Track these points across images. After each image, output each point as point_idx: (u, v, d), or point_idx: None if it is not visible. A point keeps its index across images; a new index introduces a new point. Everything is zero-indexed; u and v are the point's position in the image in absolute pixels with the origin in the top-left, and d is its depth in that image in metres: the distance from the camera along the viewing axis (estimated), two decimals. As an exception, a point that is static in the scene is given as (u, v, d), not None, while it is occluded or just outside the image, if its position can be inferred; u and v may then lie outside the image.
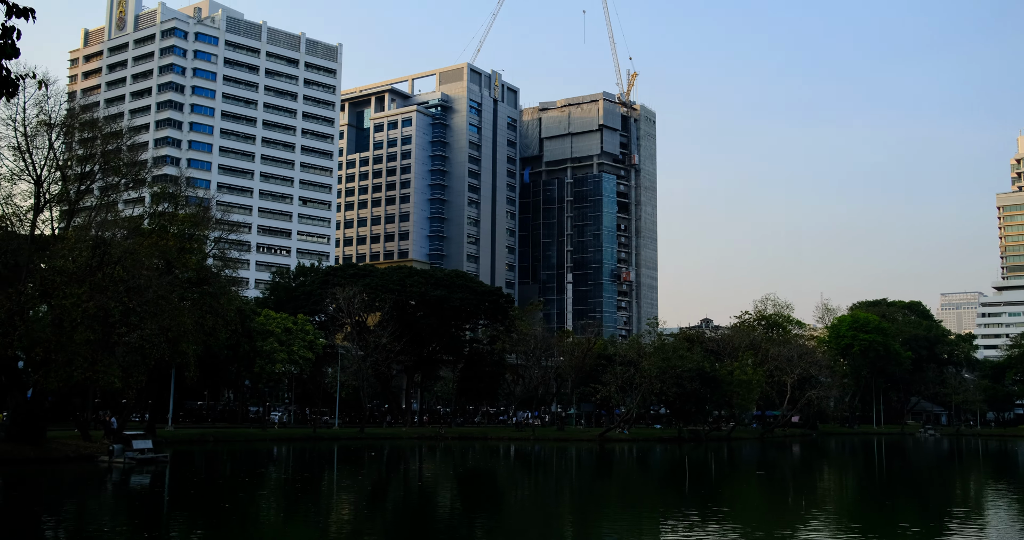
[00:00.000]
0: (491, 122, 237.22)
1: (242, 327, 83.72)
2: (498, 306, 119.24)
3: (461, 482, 55.11)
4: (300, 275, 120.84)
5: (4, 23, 9.07)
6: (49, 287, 58.39)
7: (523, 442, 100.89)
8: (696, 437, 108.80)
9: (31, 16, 9.35)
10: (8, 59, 9.11)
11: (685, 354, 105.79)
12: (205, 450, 76.12)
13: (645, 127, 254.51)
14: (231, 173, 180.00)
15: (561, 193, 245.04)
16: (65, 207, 66.72)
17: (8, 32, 9.09)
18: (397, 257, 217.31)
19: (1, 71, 9.10)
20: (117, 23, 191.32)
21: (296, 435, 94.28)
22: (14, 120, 61.88)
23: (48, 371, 56.66)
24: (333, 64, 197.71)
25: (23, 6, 9.26)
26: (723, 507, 41.28)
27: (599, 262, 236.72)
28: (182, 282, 70.08)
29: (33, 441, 58.60)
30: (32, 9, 9.33)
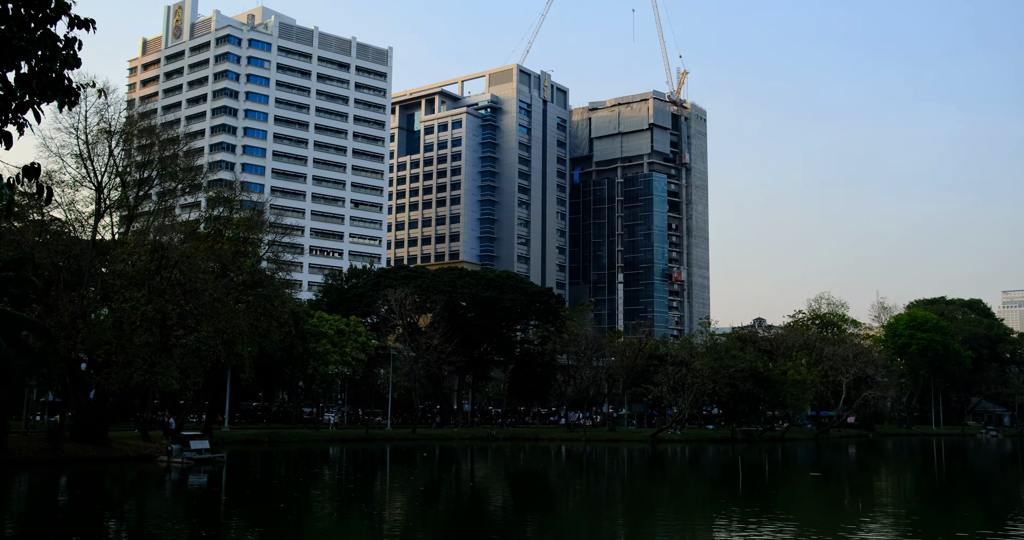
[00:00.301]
0: (540, 123, 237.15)
1: (296, 329, 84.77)
2: (549, 307, 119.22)
3: (513, 483, 55.24)
4: (352, 277, 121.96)
5: (66, 34, 9.34)
6: (110, 291, 59.79)
7: (574, 443, 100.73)
8: (749, 438, 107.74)
9: (91, 27, 9.62)
10: (70, 69, 9.39)
11: (738, 354, 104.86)
12: (260, 450, 77.20)
13: (696, 125, 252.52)
14: (284, 177, 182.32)
15: (611, 193, 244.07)
16: (125, 212, 68.21)
17: (70, 43, 9.36)
18: (448, 258, 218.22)
19: (63, 81, 9.36)
20: (174, 32, 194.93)
21: (349, 436, 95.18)
22: (76, 128, 63.51)
23: (109, 373, 58.02)
24: (383, 67, 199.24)
25: (84, 17, 9.51)
26: (777, 508, 40.88)
27: (650, 262, 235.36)
28: (237, 285, 71.16)
29: (96, 441, 60.02)
30: (92, 20, 9.60)
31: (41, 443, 57.89)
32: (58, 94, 9.18)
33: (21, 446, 56.86)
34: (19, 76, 8.91)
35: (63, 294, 58.82)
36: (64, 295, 58.70)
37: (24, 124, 9.14)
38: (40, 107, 9.20)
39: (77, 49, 9.34)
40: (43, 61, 8.99)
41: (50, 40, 8.96)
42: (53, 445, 56.97)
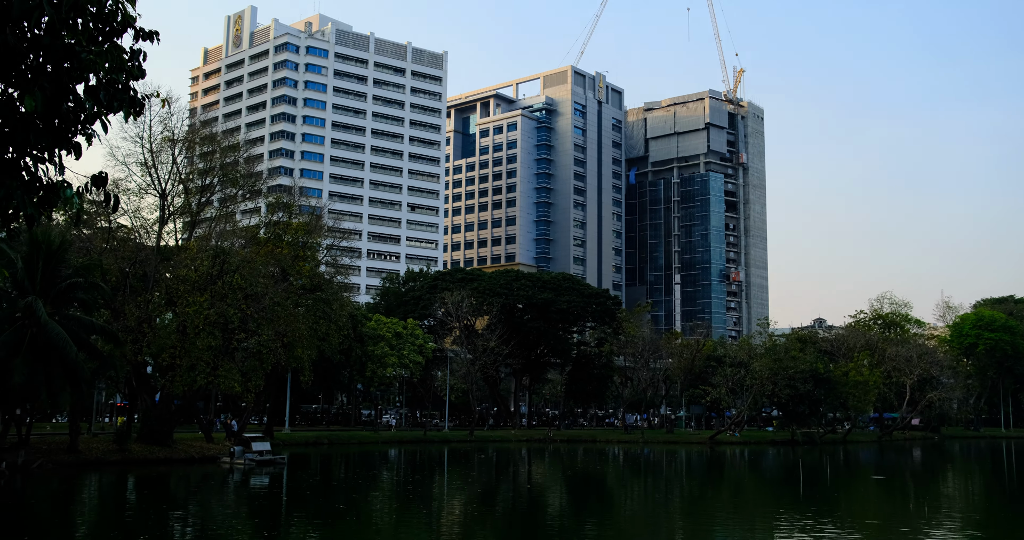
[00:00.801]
0: (596, 124, 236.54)
1: (354, 332, 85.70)
2: (605, 308, 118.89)
3: (570, 485, 55.18)
4: (409, 280, 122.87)
5: (131, 47, 9.57)
6: (174, 295, 61.11)
7: (632, 445, 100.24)
8: (810, 440, 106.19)
9: (156, 39, 9.89)
10: (135, 80, 9.63)
11: (797, 355, 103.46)
12: (320, 452, 78.13)
13: (753, 124, 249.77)
14: (341, 182, 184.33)
15: (668, 193, 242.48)
16: (187, 219, 69.65)
17: (135, 55, 9.60)
18: (504, 261, 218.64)
19: (129, 92, 9.62)
20: (234, 41, 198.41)
21: (407, 438, 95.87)
22: (141, 137, 65.09)
23: (174, 376, 59.30)
24: (439, 72, 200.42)
25: (148, 30, 9.76)
26: (840, 512, 40.26)
27: (707, 262, 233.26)
28: (296, 289, 72.18)
29: (162, 442, 61.35)
30: (156, 32, 9.85)
31: (110, 444, 59.35)
32: (124, 105, 9.44)
33: (91, 447, 58.36)
34: (88, 88, 9.19)
35: (129, 299, 60.28)
36: (130, 300, 60.16)
37: (92, 135, 9.42)
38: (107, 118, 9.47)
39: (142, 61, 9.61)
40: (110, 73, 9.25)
41: (117, 53, 9.22)
42: (121, 446, 58.37)
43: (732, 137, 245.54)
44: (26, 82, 8.63)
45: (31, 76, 8.67)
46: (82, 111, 9.14)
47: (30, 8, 8.14)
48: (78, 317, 52.77)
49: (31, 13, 8.17)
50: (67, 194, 9.41)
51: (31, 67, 8.68)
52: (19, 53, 8.44)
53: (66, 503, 41.53)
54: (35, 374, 47.81)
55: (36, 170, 9.11)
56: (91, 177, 9.79)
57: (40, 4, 8.17)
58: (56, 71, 8.81)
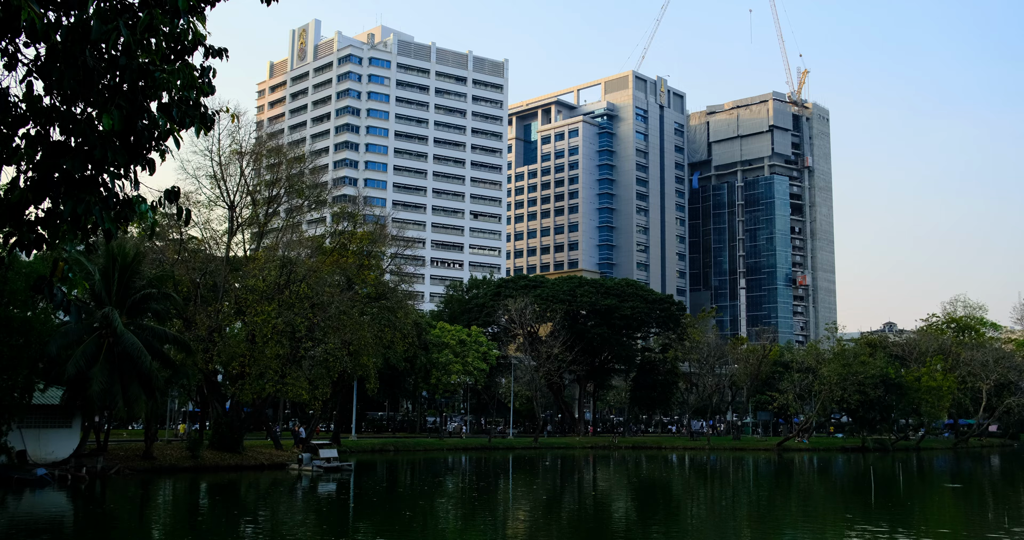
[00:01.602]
0: (658, 128, 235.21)
1: (418, 340, 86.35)
2: (669, 314, 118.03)
3: (635, 492, 54.86)
4: (473, 288, 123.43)
5: (202, 64, 9.84)
6: (243, 305, 62.32)
7: (698, 451, 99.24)
8: (882, 447, 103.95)
9: (224, 55, 10.17)
10: (205, 96, 9.89)
11: (867, 360, 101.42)
12: (386, 459, 78.82)
13: (818, 126, 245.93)
14: (405, 191, 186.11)
15: (731, 197, 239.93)
16: (255, 229, 71.00)
17: (205, 72, 9.86)
18: (567, 267, 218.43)
19: (200, 108, 9.87)
20: (298, 54, 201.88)
21: (472, 444, 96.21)
22: (211, 151, 66.63)
23: (243, 384, 60.44)
24: (500, 79, 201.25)
25: (218, 47, 10.04)
26: (914, 521, 39.37)
27: (773, 266, 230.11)
28: (362, 297, 73.00)
29: (232, 449, 62.54)
30: (225, 49, 10.13)
31: (183, 451, 60.70)
32: (195, 121, 9.72)
33: (165, 453, 59.77)
34: (161, 106, 9.48)
35: (200, 309, 61.63)
36: (201, 310, 61.51)
37: (165, 150, 9.70)
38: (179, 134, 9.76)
39: (212, 77, 9.89)
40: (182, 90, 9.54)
41: (188, 70, 9.51)
42: (193, 453, 59.65)
43: (797, 139, 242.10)
44: (103, 101, 8.94)
45: (108, 95, 8.98)
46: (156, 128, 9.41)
47: (108, 31, 8.45)
48: (152, 327, 54.12)
49: (109, 35, 8.48)
50: (142, 209, 9.69)
51: (108, 87, 9.00)
52: (97, 74, 8.76)
53: (142, 508, 42.60)
54: (112, 383, 49.15)
55: (113, 186, 9.40)
56: (164, 192, 10.09)
57: (117, 26, 8.48)
58: (131, 90, 9.10)
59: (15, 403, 47.69)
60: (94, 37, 8.39)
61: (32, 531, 32.87)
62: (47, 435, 53.86)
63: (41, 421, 53.62)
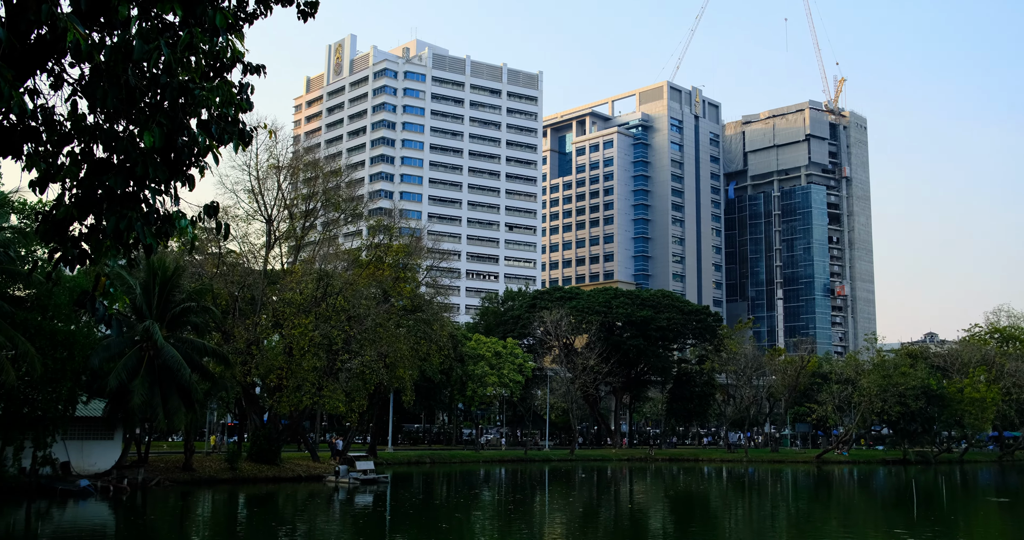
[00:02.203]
0: (693, 139, 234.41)
1: (454, 352, 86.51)
2: (706, 325, 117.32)
3: (673, 504, 54.49)
4: (508, 300, 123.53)
5: (240, 81, 10.01)
6: (280, 318, 62.88)
7: (736, 464, 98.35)
8: (924, 459, 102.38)
9: (262, 72, 10.36)
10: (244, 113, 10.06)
11: (908, 371, 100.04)
12: (422, 471, 78.97)
13: (856, 134, 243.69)
14: (440, 203, 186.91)
15: (768, 207, 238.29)
16: (292, 243, 71.65)
17: (243, 89, 10.04)
18: (602, 279, 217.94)
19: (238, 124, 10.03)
20: (334, 69, 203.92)
21: (508, 457, 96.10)
22: (248, 166, 67.44)
23: (281, 396, 60.92)
24: (534, 92, 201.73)
25: (256, 64, 10.21)
26: (958, 536, 38.71)
27: (810, 277, 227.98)
28: (398, 310, 73.34)
29: (270, 461, 63.01)
30: (263, 65, 10.33)
31: (222, 463, 61.25)
32: (234, 137, 9.89)
33: (204, 465, 60.36)
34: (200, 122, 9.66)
35: (239, 322, 62.26)
36: (239, 323, 62.14)
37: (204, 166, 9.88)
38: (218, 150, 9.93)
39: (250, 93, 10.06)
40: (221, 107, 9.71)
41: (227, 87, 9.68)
42: (232, 465, 60.18)
43: (834, 148, 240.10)
44: (145, 119, 9.14)
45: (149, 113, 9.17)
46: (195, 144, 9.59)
47: (150, 50, 8.65)
48: (191, 340, 54.77)
49: (151, 54, 8.68)
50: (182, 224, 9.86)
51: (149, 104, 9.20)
52: (139, 92, 8.97)
53: (182, 519, 43.04)
54: (153, 395, 49.78)
55: (154, 202, 9.58)
56: (204, 207, 10.27)
57: (158, 45, 8.67)
58: (172, 107, 9.29)
59: (59, 415, 48.44)
60: (136, 56, 8.59)
61: (75, 541, 33.34)
62: (90, 447, 54.64)
63: (84, 433, 54.41)
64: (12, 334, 43.23)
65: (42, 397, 47.54)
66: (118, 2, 8.62)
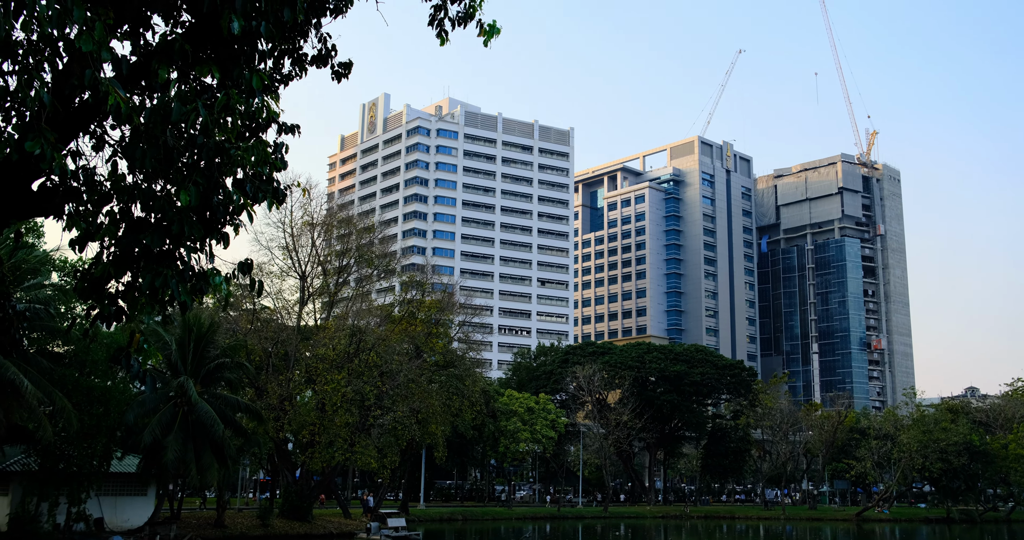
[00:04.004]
0: (724, 193, 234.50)
1: (486, 407, 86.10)
2: (740, 380, 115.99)
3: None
4: (540, 355, 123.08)
5: (275, 140, 10.27)
6: (313, 373, 63.05)
7: (773, 521, 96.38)
8: (968, 518, 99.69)
9: (297, 131, 10.64)
10: (278, 172, 10.29)
11: (949, 426, 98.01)
12: (454, 528, 78.12)
13: (889, 187, 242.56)
14: (473, 259, 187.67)
15: (801, 261, 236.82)
16: (326, 299, 72.15)
17: (278, 148, 10.30)
18: (635, 333, 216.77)
19: (273, 183, 10.24)
20: (368, 127, 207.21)
21: (541, 514, 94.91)
22: (283, 223, 68.35)
23: (313, 452, 60.80)
24: (565, 148, 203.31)
25: (290, 124, 10.50)
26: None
27: (846, 330, 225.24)
28: (430, 366, 73.31)
29: (302, 517, 62.68)
30: (297, 125, 10.62)
31: (254, 519, 60.99)
32: (268, 196, 10.10)
33: (237, 521, 60.11)
34: (235, 181, 9.90)
35: (272, 378, 62.51)
36: (273, 378, 62.38)
37: (239, 224, 10.08)
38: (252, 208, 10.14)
39: (284, 153, 10.32)
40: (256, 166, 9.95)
41: (261, 147, 9.93)
42: (264, 521, 59.90)
43: (867, 201, 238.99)
44: (182, 178, 9.38)
45: (186, 172, 9.42)
46: (230, 203, 9.80)
47: (187, 112, 8.92)
48: (225, 396, 54.99)
49: (188, 116, 8.95)
50: (216, 281, 10.03)
51: (186, 164, 9.45)
52: (177, 152, 9.22)
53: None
54: (186, 451, 49.87)
55: (189, 259, 9.77)
56: (238, 264, 10.46)
57: (196, 107, 8.94)
58: (208, 167, 9.53)
59: (94, 471, 48.64)
60: (174, 118, 8.86)
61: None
62: (123, 503, 54.68)
63: (118, 488, 54.51)
64: (50, 390, 43.67)
65: (78, 453, 47.81)
66: (158, 66, 8.92)
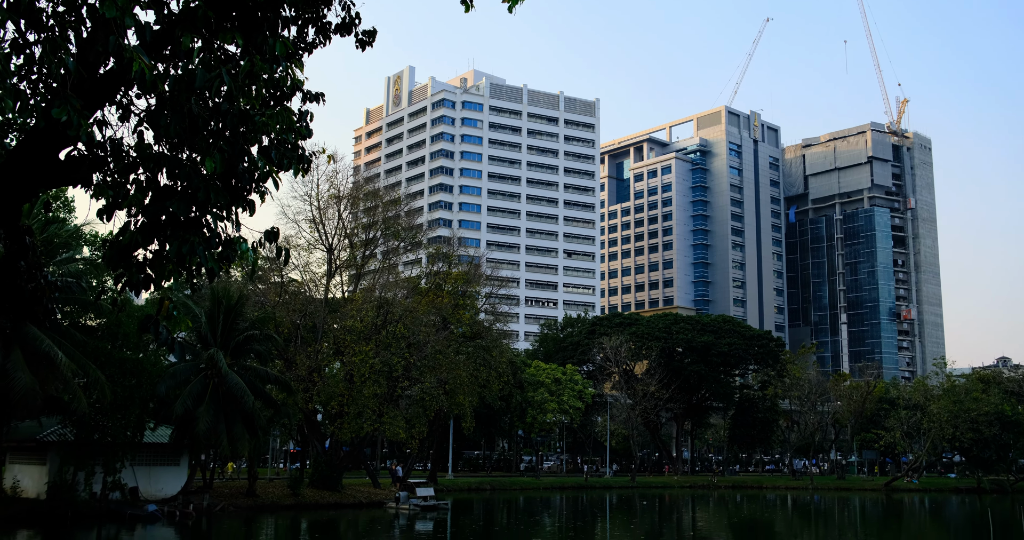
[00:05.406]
0: (752, 163, 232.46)
1: (514, 378, 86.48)
2: (768, 350, 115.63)
3: (736, 533, 53.54)
4: (567, 326, 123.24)
5: (300, 108, 10.30)
6: (341, 345, 63.56)
7: (800, 491, 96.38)
8: (999, 488, 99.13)
9: (321, 99, 10.67)
10: (303, 139, 10.33)
11: (980, 396, 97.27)
12: (482, 498, 78.79)
13: (920, 155, 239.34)
14: (499, 231, 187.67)
15: (830, 231, 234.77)
16: (353, 271, 72.56)
17: (303, 116, 10.34)
18: (662, 304, 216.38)
19: (298, 150, 10.29)
20: (393, 100, 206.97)
21: (568, 484, 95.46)
22: (310, 196, 68.68)
23: (342, 423, 61.43)
24: (591, 119, 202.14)
25: (315, 92, 10.52)
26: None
27: (875, 300, 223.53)
28: (457, 337, 73.67)
29: (331, 487, 63.50)
30: (322, 93, 10.65)
31: (284, 489, 61.87)
32: (294, 162, 10.15)
33: (267, 491, 61.02)
34: (261, 149, 9.94)
35: (300, 350, 63.11)
36: (301, 350, 62.98)
37: (265, 192, 10.14)
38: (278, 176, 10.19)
39: (309, 121, 10.35)
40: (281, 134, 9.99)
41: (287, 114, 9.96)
42: (294, 491, 60.74)
43: (897, 170, 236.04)
44: (207, 146, 9.43)
45: (211, 140, 9.47)
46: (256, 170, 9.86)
47: (211, 79, 8.95)
48: (254, 367, 55.62)
49: (212, 83, 8.98)
50: (243, 248, 10.10)
51: (211, 132, 9.50)
52: (202, 120, 9.27)
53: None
54: (217, 422, 50.59)
55: (215, 227, 9.84)
56: (265, 232, 10.53)
57: (220, 75, 8.97)
58: (233, 134, 9.58)
59: (128, 441, 49.53)
60: (199, 85, 8.89)
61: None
62: (157, 472, 55.64)
63: (151, 459, 55.45)
64: (84, 362, 44.39)
65: (112, 423, 48.67)
66: (181, 33, 8.94)
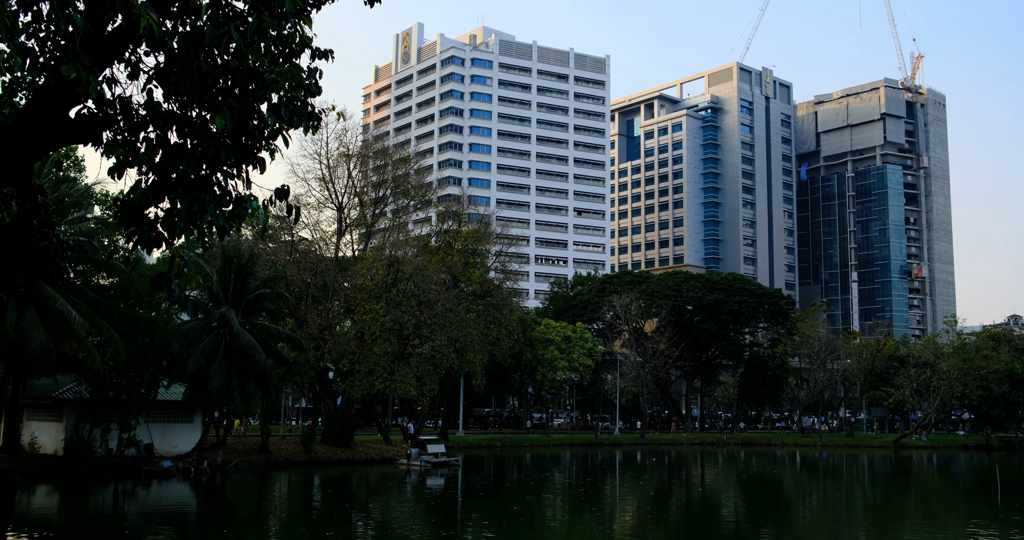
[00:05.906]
0: (763, 120, 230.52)
1: (524, 336, 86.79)
2: (778, 308, 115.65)
3: (745, 489, 54.00)
4: (577, 284, 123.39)
5: (308, 65, 10.21)
6: (352, 304, 63.83)
7: (809, 448, 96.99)
8: (1008, 445, 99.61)
9: (330, 57, 10.56)
10: (313, 97, 10.26)
11: (990, 354, 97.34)
12: (493, 454, 79.47)
13: (934, 112, 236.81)
14: (508, 189, 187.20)
15: (842, 188, 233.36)
16: (363, 230, 72.59)
17: (312, 73, 10.25)
18: (672, 262, 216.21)
19: (307, 108, 10.23)
20: (402, 57, 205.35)
21: (578, 441, 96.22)
22: (319, 154, 68.50)
23: (354, 380, 61.91)
24: (601, 76, 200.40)
25: (324, 49, 10.41)
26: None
27: (886, 258, 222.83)
28: (467, 295, 73.84)
29: (343, 444, 64.16)
30: (331, 50, 10.54)
31: (296, 446, 62.54)
32: (303, 120, 10.10)
33: (280, 448, 61.70)
34: (270, 106, 9.88)
35: (311, 308, 63.38)
36: (312, 309, 63.26)
37: (275, 149, 10.10)
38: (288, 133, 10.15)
39: (318, 78, 10.27)
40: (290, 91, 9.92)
41: (296, 72, 9.88)
42: (307, 448, 61.40)
43: (911, 127, 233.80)
44: (216, 103, 9.37)
45: (221, 98, 9.40)
46: (266, 127, 9.81)
47: (220, 35, 8.86)
48: (266, 326, 55.90)
49: (221, 40, 8.89)
50: (254, 206, 10.10)
51: (221, 89, 9.43)
52: (211, 78, 9.19)
53: (260, 500, 44.11)
54: (230, 379, 50.99)
55: (226, 184, 9.83)
56: (275, 190, 10.51)
57: (228, 31, 8.88)
58: (242, 92, 9.51)
59: (142, 398, 50.04)
60: (207, 42, 8.81)
61: (162, 519, 34.51)
62: (171, 429, 56.26)
63: (165, 416, 56.03)
64: (98, 321, 44.69)
65: (126, 381, 49.12)
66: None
